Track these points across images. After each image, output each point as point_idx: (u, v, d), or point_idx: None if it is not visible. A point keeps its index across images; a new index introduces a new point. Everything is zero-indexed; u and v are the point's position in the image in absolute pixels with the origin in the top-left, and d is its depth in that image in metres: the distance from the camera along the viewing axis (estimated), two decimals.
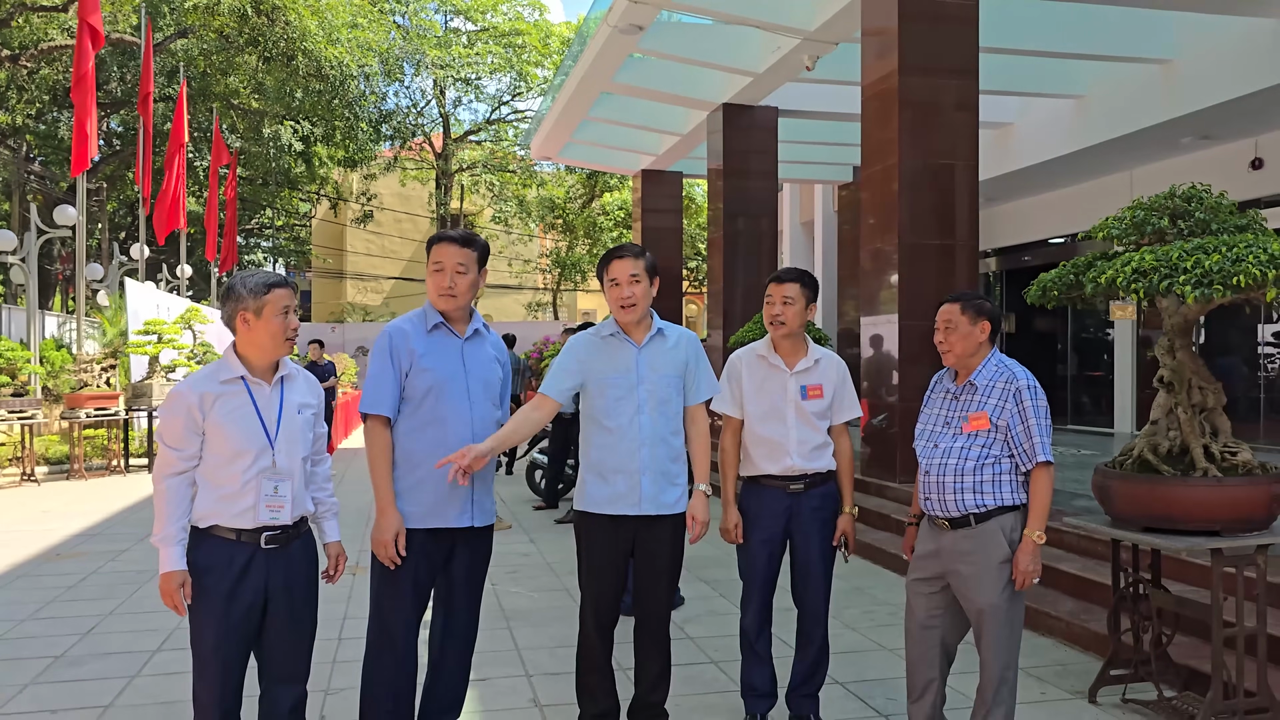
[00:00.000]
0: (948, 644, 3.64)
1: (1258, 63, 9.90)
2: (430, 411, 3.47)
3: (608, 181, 31.59)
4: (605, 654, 3.76)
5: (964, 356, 3.56)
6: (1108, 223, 4.14)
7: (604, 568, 3.69)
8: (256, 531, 3.05)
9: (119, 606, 6.18)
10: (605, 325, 3.74)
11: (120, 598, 6.40)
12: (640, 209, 18.06)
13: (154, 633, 5.57)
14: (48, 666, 4.97)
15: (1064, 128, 12.92)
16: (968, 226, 8.64)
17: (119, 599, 6.37)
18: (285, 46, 24.01)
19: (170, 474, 3.00)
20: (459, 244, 3.58)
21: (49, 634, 5.55)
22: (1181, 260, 3.58)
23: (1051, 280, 4.32)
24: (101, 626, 5.72)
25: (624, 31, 10.88)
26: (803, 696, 4.04)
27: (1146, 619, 4.33)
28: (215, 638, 3.02)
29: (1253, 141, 12.23)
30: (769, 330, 4.02)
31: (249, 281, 3.09)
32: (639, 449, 3.62)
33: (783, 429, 3.96)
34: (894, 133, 8.52)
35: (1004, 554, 3.42)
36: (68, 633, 5.57)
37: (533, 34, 32.06)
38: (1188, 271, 3.54)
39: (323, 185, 32.06)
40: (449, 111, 33.92)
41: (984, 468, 3.44)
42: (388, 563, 3.38)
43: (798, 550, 4.01)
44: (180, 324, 14.31)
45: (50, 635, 5.52)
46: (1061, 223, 15.76)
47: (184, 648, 5.20)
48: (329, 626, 5.20)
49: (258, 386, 3.11)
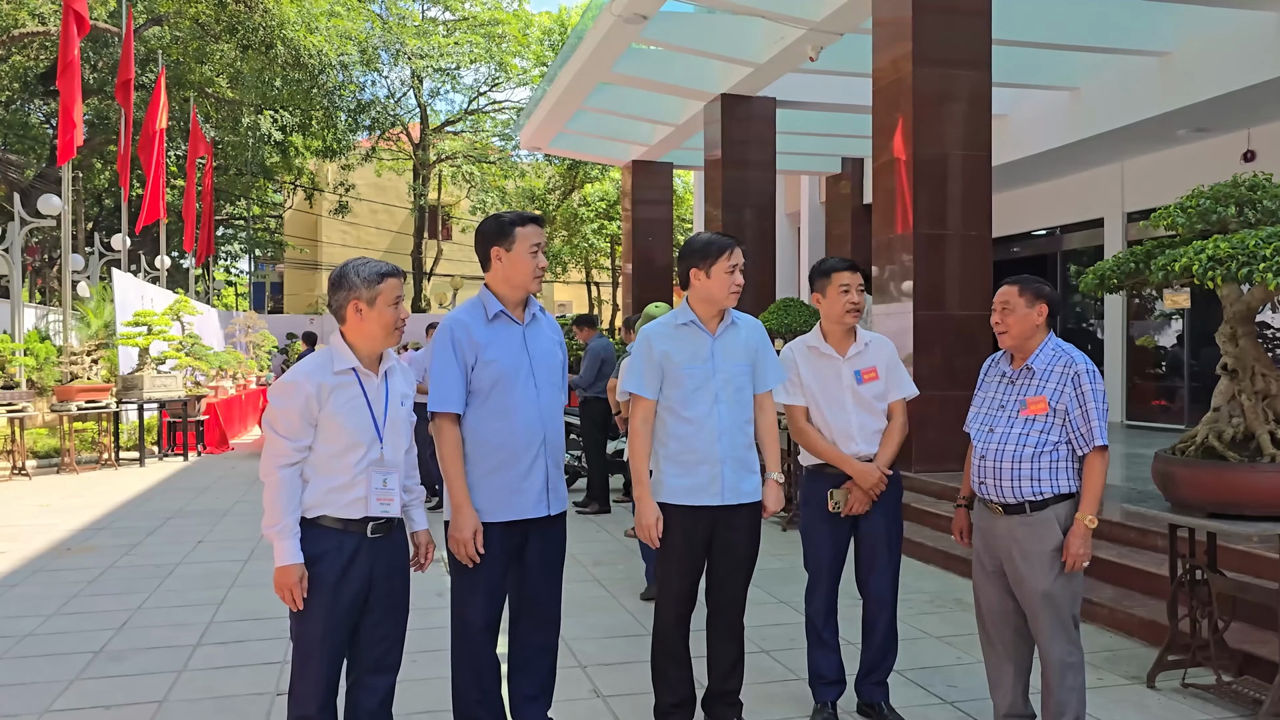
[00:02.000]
0: (1021, 630, 3.66)
1: (1254, 56, 10.02)
2: (498, 403, 3.44)
3: (588, 172, 31.50)
4: (683, 644, 3.75)
5: (1021, 339, 3.55)
6: (1170, 211, 4.17)
7: (685, 559, 3.67)
8: (363, 522, 3.01)
9: (146, 601, 6.08)
10: (680, 314, 3.72)
11: (145, 592, 6.30)
12: (630, 200, 18.01)
13: (190, 626, 5.49)
14: (90, 661, 4.89)
15: (1058, 120, 13.01)
16: (982, 217, 8.69)
17: (144, 593, 6.27)
18: (264, 35, 23.68)
19: (284, 464, 2.95)
20: (544, 226, 3.58)
21: (82, 629, 5.46)
22: (1260, 248, 3.61)
23: (1110, 269, 4.35)
24: (134, 621, 5.63)
25: (628, 21, 10.83)
26: (872, 684, 4.05)
27: (1205, 605, 4.37)
28: (323, 627, 2.97)
29: (1245, 134, 12.37)
30: (839, 321, 4.00)
31: (363, 270, 3.04)
32: (719, 438, 3.61)
33: (844, 416, 3.97)
34: (908, 123, 8.55)
35: (1057, 541, 3.44)
36: (101, 627, 5.48)
37: (512, 23, 31.85)
38: (1267, 259, 3.57)
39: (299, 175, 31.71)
40: (426, 102, 33.63)
41: (1042, 455, 3.45)
42: (466, 561, 3.34)
43: (863, 536, 4.02)
44: (169, 315, 14.10)
45: (84, 630, 5.43)
46: (1051, 215, 15.90)
47: (225, 641, 5.20)
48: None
49: (367, 378, 3.07)
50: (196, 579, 6.66)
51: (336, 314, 3.08)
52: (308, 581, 2.95)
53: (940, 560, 6.72)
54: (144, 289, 15.86)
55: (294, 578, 2.91)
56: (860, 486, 3.90)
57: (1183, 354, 13.71)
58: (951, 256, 8.59)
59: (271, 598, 5.98)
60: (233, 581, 6.57)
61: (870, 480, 3.89)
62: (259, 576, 6.71)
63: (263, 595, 6.17)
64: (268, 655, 4.97)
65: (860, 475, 3.90)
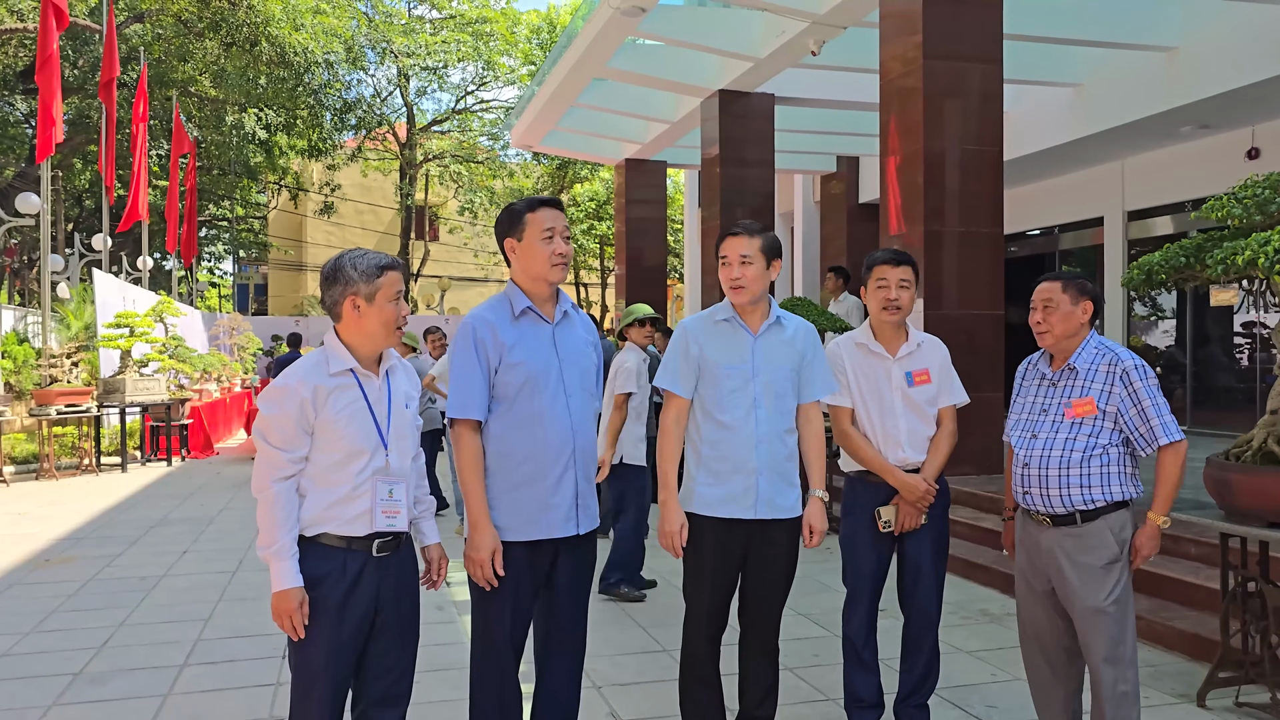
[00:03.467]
0: (1072, 649, 3.40)
1: (1262, 51, 9.82)
2: (525, 409, 3.10)
3: (577, 172, 31.22)
4: (714, 665, 3.48)
5: (1063, 338, 3.31)
6: (1225, 202, 3.93)
7: (716, 575, 3.40)
8: (368, 539, 2.72)
9: (129, 617, 5.76)
10: (720, 309, 3.44)
11: (128, 606, 5.99)
12: (624, 198, 17.74)
13: (176, 645, 5.19)
14: (69, 684, 4.58)
15: (1060, 116, 12.79)
16: (992, 214, 8.46)
17: (127, 608, 5.95)
18: (248, 32, 23.33)
19: (278, 478, 2.65)
20: (562, 208, 3.25)
21: (61, 648, 5.14)
22: None
23: (1159, 263, 4.10)
24: (116, 639, 5.31)
25: (626, 14, 10.55)
26: (913, 707, 3.79)
27: (1259, 619, 4.13)
28: (326, 654, 2.68)
29: (1250, 131, 12.20)
30: (881, 316, 3.73)
31: (360, 263, 2.75)
32: (755, 446, 3.33)
33: (893, 419, 3.70)
34: (919, 118, 8.31)
35: (1112, 554, 3.19)
36: (81, 646, 5.16)
37: (500, 22, 31.54)
38: None
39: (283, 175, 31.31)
40: (413, 101, 33.29)
41: (1092, 459, 3.20)
42: (484, 584, 3.03)
43: (907, 550, 3.75)
44: (152, 317, 13.75)
45: (63, 649, 5.11)
46: (1049, 214, 15.73)
47: (214, 661, 4.89)
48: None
49: (367, 379, 2.78)
50: (182, 592, 6.35)
51: (331, 311, 2.79)
52: (309, 606, 2.66)
53: (960, 569, 6.47)
54: (126, 290, 15.48)
55: (294, 603, 2.62)
56: (907, 500, 3.63)
57: (1180, 356, 13.54)
58: (964, 254, 8.35)
59: (262, 613, 5.71)
60: (220, 595, 6.26)
61: (917, 493, 3.62)
62: (248, 589, 6.40)
63: (252, 610, 5.88)
64: (260, 677, 4.67)
65: (906, 488, 3.63)
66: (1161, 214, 14.09)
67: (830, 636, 5.20)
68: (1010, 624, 5.45)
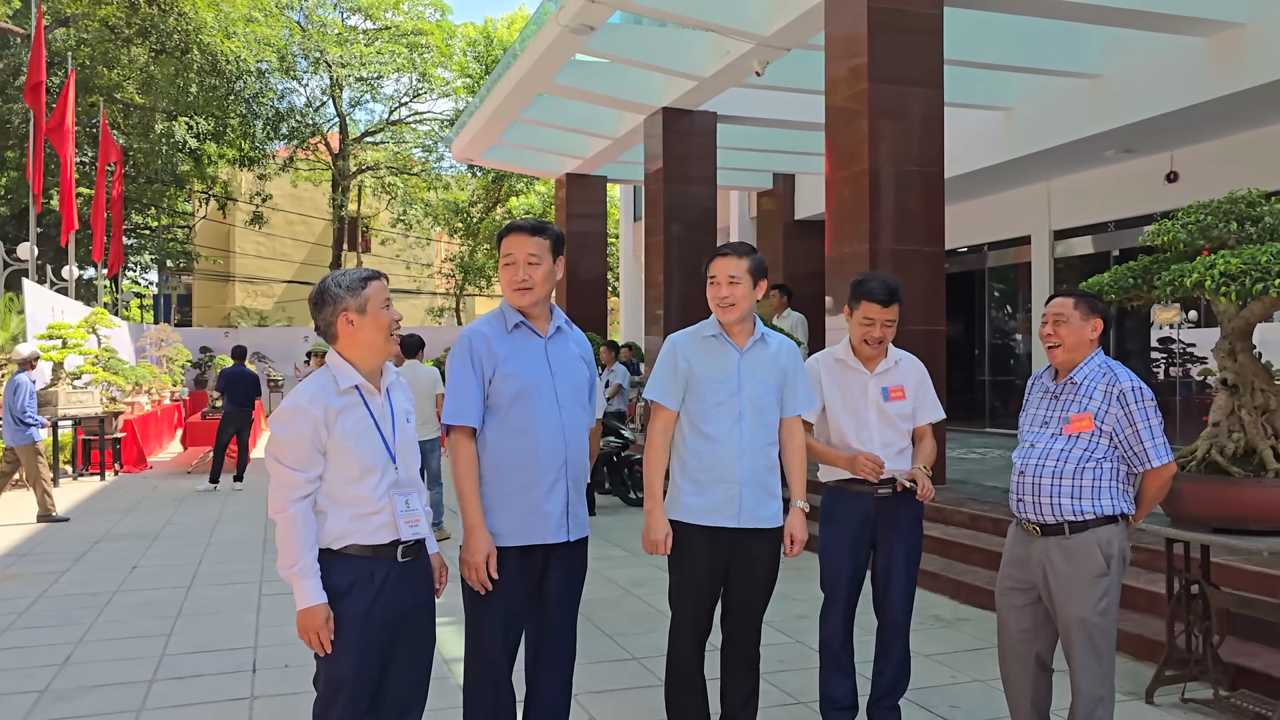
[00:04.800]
0: (1043, 659, 3.56)
1: (1182, 80, 10.33)
2: (518, 419, 3.22)
3: (513, 185, 31.19)
4: (700, 670, 3.60)
5: (1072, 352, 3.43)
6: (1170, 227, 4.19)
7: (700, 582, 3.52)
8: (392, 545, 2.79)
9: (87, 633, 5.67)
10: (707, 325, 3.58)
11: (84, 623, 5.89)
12: (565, 213, 17.84)
13: (140, 661, 5.13)
14: (36, 701, 4.52)
15: (991, 139, 13.24)
16: (934, 233, 8.75)
17: (83, 624, 5.86)
18: (179, 39, 22.91)
19: (296, 499, 2.71)
20: (529, 233, 3.31)
21: (20, 665, 5.06)
22: (1272, 263, 3.63)
23: (1109, 284, 4.35)
24: (78, 656, 5.24)
25: (575, 31, 10.68)
26: (885, 708, 3.95)
27: (1202, 620, 4.39)
28: (355, 664, 2.73)
29: (1169, 155, 12.79)
30: (861, 350, 3.90)
31: (343, 280, 2.83)
32: (739, 458, 3.47)
33: (866, 433, 3.87)
34: (864, 139, 8.57)
35: (1099, 568, 3.30)
36: (41, 664, 5.08)
37: (436, 34, 31.41)
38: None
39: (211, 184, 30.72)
40: (346, 111, 32.94)
41: (1085, 470, 3.33)
42: (478, 587, 3.13)
43: (880, 557, 3.92)
44: (85, 328, 13.43)
45: (23, 667, 5.03)
46: (979, 232, 16.22)
47: (183, 676, 4.88)
48: None
49: (371, 395, 2.86)
50: (138, 608, 6.26)
51: (326, 333, 2.86)
52: (335, 618, 2.71)
53: None
54: (55, 300, 15.10)
55: (319, 620, 2.68)
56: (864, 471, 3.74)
57: None
58: (907, 272, 8.61)
59: (225, 628, 5.69)
60: (179, 611, 6.19)
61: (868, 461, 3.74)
62: (207, 605, 6.34)
63: (214, 625, 5.84)
64: (232, 691, 4.66)
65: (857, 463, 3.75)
66: (1086, 233, 14.67)
67: (794, 643, 5.36)
68: (964, 628, 5.68)
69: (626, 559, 7.60)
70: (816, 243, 17.47)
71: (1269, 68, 9.33)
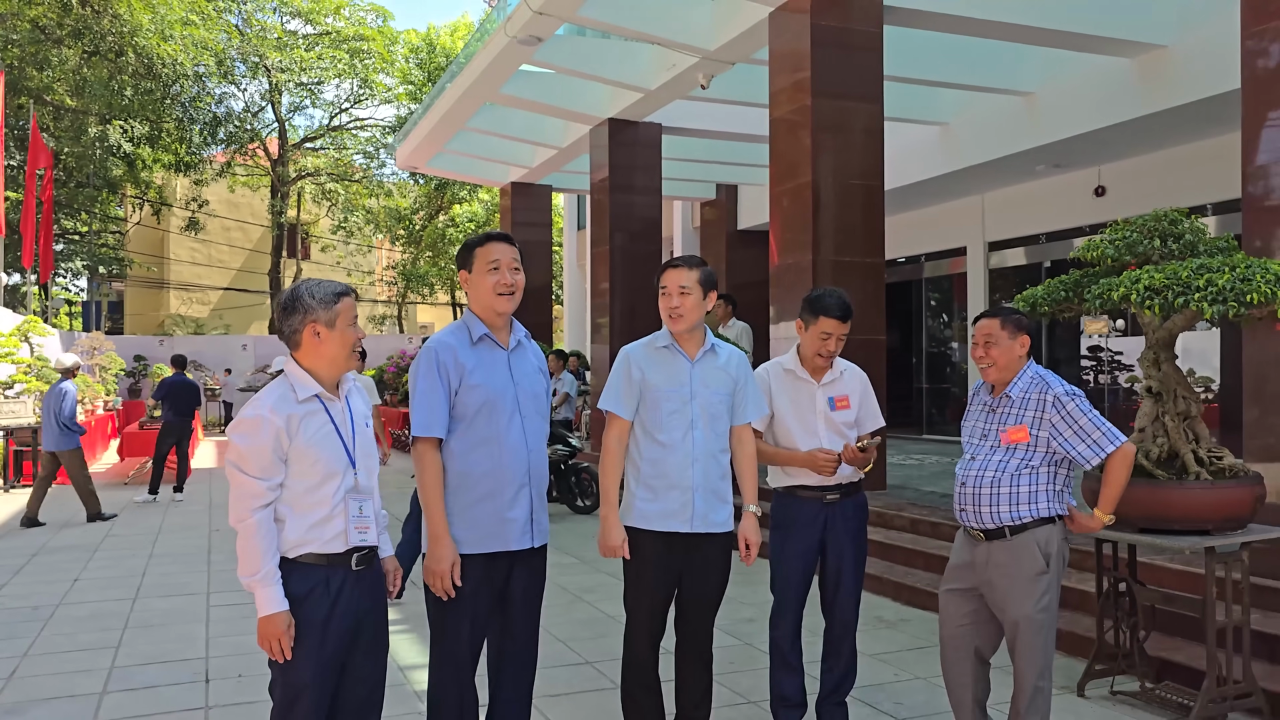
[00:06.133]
0: (982, 653, 3.74)
1: (1110, 99, 10.73)
2: (484, 429, 3.31)
3: (456, 193, 31.08)
4: (655, 671, 3.72)
5: (1005, 370, 3.64)
6: (1099, 243, 4.40)
7: (655, 585, 3.64)
8: (346, 554, 2.86)
9: (32, 647, 5.62)
10: (659, 336, 3.70)
11: (26, 637, 5.83)
12: (510, 221, 17.87)
13: (89, 673, 5.10)
14: None
15: (928, 153, 13.58)
16: (875, 244, 8.99)
17: (26, 638, 5.80)
18: (113, 41, 22.49)
19: (257, 507, 2.75)
20: (509, 242, 3.48)
21: None
22: (1193, 279, 3.86)
23: (1042, 296, 4.56)
24: (23, 670, 5.19)
25: (523, 42, 10.77)
26: (834, 704, 4.10)
27: (1129, 616, 4.61)
28: (313, 671, 2.79)
29: (1097, 170, 13.24)
30: (814, 362, 4.05)
31: (317, 291, 2.89)
32: (692, 465, 3.59)
33: (814, 440, 4.01)
34: (806, 153, 8.79)
35: (1038, 567, 3.51)
36: None
37: (378, 40, 31.21)
38: (1200, 289, 3.82)
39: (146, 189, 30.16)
40: (285, 117, 32.56)
41: (1021, 477, 3.53)
42: (442, 594, 3.21)
43: (830, 560, 4.06)
44: (18, 336, 13.15)
45: None
46: (915, 243, 16.60)
47: (135, 688, 4.87)
48: None
49: (331, 403, 2.92)
50: (83, 621, 6.20)
51: (290, 339, 2.91)
52: (297, 624, 2.77)
53: None
54: None
55: (281, 626, 2.73)
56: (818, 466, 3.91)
57: None
58: (848, 282, 8.82)
59: (174, 639, 5.68)
60: (125, 623, 6.14)
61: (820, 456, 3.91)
62: (154, 616, 6.29)
63: (162, 636, 5.81)
64: (186, 702, 4.66)
65: (812, 459, 3.91)
66: (1018, 245, 15.11)
67: (743, 645, 5.49)
68: (905, 629, 5.87)
69: (576, 565, 7.69)
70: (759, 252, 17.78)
71: (1191, 88, 9.75)
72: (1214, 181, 11.46)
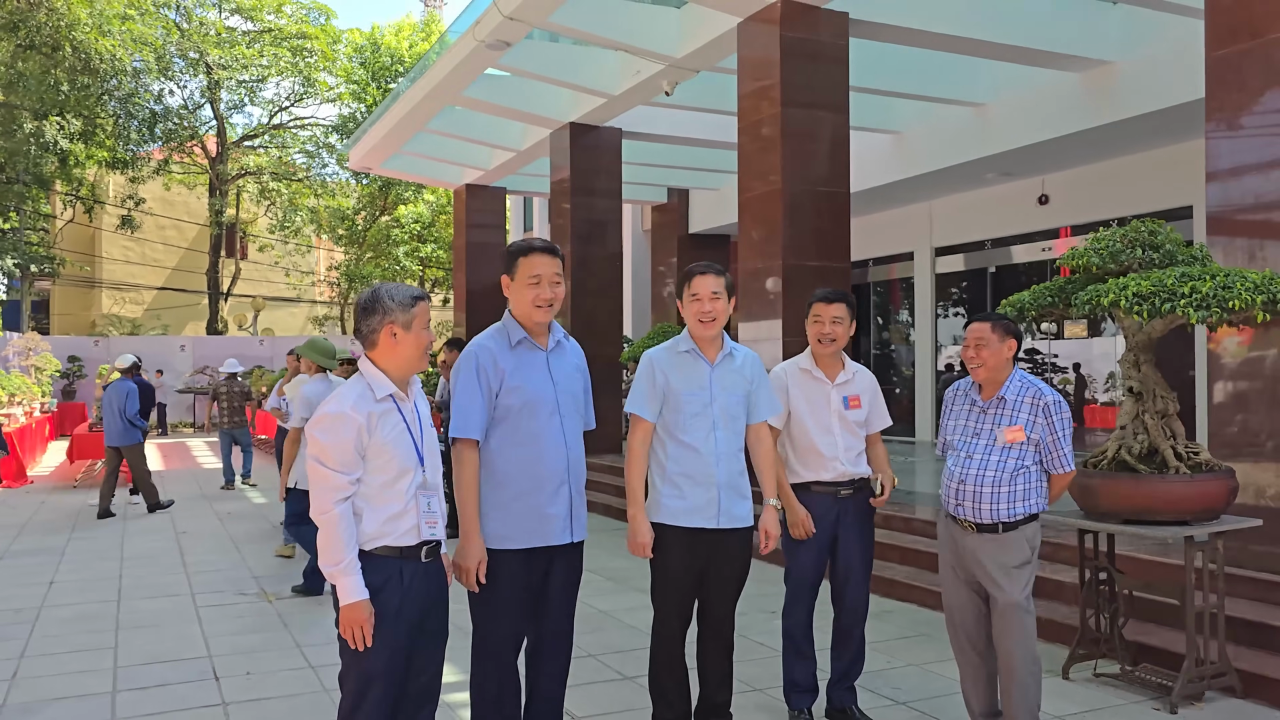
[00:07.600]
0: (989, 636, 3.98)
1: (1057, 111, 11.19)
2: (524, 430, 3.46)
3: (400, 193, 30.87)
4: (683, 658, 3.88)
5: (994, 371, 3.89)
6: (1084, 251, 4.68)
7: (681, 578, 3.80)
8: (417, 548, 2.99)
9: (27, 648, 5.59)
10: (680, 341, 3.86)
11: (19, 639, 5.79)
12: (464, 223, 17.88)
13: (94, 673, 5.11)
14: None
15: (882, 160, 13.95)
16: (840, 249, 9.26)
17: (18, 640, 5.76)
18: (49, 35, 21.95)
19: (339, 499, 2.87)
20: (553, 254, 3.56)
21: None
22: (1177, 286, 4.15)
23: (1029, 301, 4.83)
24: (25, 671, 5.17)
25: (490, 46, 10.85)
26: (844, 690, 4.31)
27: (1109, 603, 4.90)
28: (387, 658, 2.91)
29: (1041, 180, 13.75)
30: (817, 347, 4.27)
31: (397, 294, 3.02)
32: (716, 463, 3.77)
33: (830, 438, 4.23)
34: (776, 160, 9.02)
35: (1024, 556, 3.82)
36: None
37: (320, 39, 30.84)
38: (1185, 296, 4.11)
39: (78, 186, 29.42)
40: (225, 114, 31.99)
41: (1016, 477, 3.81)
42: (469, 588, 3.37)
43: (840, 552, 4.27)
44: None
45: None
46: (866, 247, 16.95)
47: (146, 686, 4.91)
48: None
49: (403, 402, 3.04)
50: (71, 623, 6.16)
51: (367, 339, 3.03)
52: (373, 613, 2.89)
53: None
54: None
55: (364, 614, 2.85)
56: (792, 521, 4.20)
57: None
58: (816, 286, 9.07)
59: (172, 639, 5.69)
60: (115, 624, 6.12)
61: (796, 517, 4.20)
62: (145, 617, 6.28)
63: (159, 636, 5.83)
64: (202, 699, 4.70)
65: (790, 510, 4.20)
66: (964, 250, 15.59)
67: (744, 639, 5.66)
68: (889, 619, 6.12)
69: None
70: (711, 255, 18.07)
71: (1134, 102, 10.23)
72: (1154, 192, 12.01)
